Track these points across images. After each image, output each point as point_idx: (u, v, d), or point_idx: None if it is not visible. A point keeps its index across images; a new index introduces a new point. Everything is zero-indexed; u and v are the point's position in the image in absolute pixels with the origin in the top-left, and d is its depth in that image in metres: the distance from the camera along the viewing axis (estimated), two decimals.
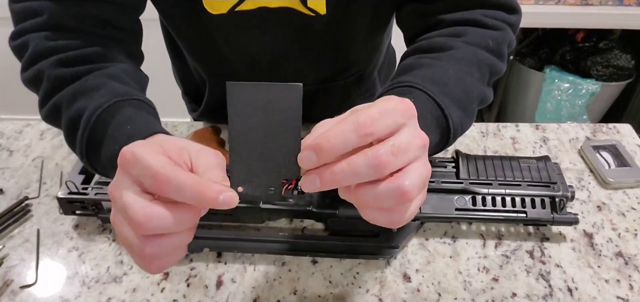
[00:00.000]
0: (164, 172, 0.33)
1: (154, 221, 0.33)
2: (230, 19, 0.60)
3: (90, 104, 0.47)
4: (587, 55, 1.77)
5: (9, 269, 0.58)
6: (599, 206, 0.65)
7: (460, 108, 0.49)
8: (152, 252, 0.35)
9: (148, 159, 0.34)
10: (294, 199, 0.60)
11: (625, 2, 1.56)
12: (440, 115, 0.47)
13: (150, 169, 0.33)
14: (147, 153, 0.34)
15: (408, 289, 0.55)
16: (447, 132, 0.48)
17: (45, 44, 0.51)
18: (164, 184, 0.33)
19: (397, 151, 0.33)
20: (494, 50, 0.54)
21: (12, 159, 0.75)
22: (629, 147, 0.74)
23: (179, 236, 0.36)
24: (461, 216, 0.59)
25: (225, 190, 0.34)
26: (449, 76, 0.49)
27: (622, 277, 0.56)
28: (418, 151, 0.35)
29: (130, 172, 0.35)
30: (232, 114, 0.32)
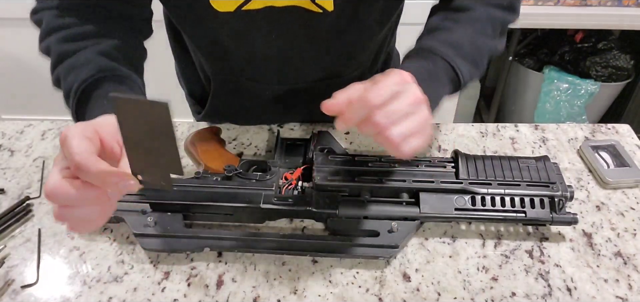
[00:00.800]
0: (78, 158, 0.39)
1: (57, 195, 0.40)
2: (237, 17, 0.60)
3: (78, 78, 0.54)
4: (586, 55, 1.77)
5: (10, 269, 0.58)
6: (598, 205, 0.65)
7: (471, 63, 0.61)
8: (61, 217, 0.42)
9: (72, 143, 0.40)
10: (293, 199, 0.60)
11: (624, 2, 1.57)
12: (453, 73, 0.60)
13: (71, 153, 0.40)
14: (74, 136, 0.40)
15: (408, 289, 0.55)
16: (458, 84, 0.61)
17: (55, 21, 0.59)
18: (77, 167, 0.40)
19: (389, 115, 0.46)
20: (507, 7, 0.65)
21: (14, 159, 0.75)
22: (627, 147, 0.74)
23: (86, 209, 0.43)
24: (460, 215, 0.59)
25: (125, 179, 0.41)
26: (464, 38, 0.61)
27: (621, 276, 0.56)
28: (409, 107, 0.47)
29: (62, 150, 0.41)
30: (119, 120, 0.39)
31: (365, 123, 0.47)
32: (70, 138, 0.40)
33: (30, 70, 1.83)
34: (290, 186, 0.63)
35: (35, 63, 1.81)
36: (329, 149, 0.67)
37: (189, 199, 0.60)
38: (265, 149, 0.76)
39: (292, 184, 0.63)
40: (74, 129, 0.41)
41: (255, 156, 0.75)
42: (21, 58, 1.80)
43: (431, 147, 0.76)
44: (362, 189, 0.61)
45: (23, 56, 1.79)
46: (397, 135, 0.47)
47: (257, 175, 0.63)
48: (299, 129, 0.80)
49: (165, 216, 0.60)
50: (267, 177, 0.63)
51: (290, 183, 0.63)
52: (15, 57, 1.80)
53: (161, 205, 0.60)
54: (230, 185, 0.62)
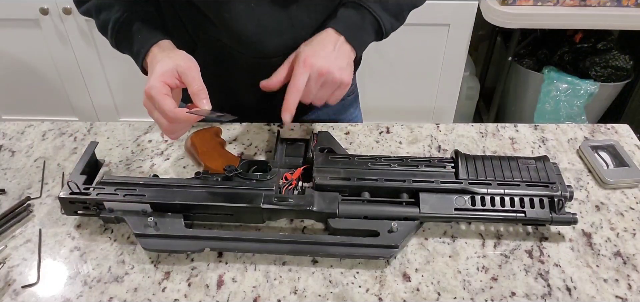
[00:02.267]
0: (171, 115, 0.58)
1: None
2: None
3: (109, 17, 0.69)
4: (585, 56, 1.77)
5: (11, 269, 0.58)
6: (597, 205, 0.66)
7: (393, 16, 0.73)
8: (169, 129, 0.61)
9: (159, 99, 0.58)
10: (294, 199, 0.60)
11: (623, 2, 1.57)
12: (377, 24, 0.72)
13: (159, 106, 0.59)
14: (155, 91, 0.59)
15: (408, 289, 0.56)
16: (381, 34, 0.73)
17: None
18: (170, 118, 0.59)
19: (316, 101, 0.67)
20: None
21: (14, 160, 0.75)
22: (627, 147, 0.75)
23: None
24: (460, 215, 0.60)
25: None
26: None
27: (621, 276, 0.56)
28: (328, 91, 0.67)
29: (151, 101, 0.60)
30: None
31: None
32: (154, 96, 0.58)
33: (30, 71, 1.83)
34: (291, 186, 0.64)
35: (35, 63, 1.82)
36: (329, 149, 0.67)
37: (189, 200, 0.60)
38: (265, 149, 0.76)
39: (292, 184, 0.64)
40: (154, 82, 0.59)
41: (256, 156, 0.75)
42: (21, 58, 1.80)
43: (431, 147, 0.76)
44: (362, 189, 0.62)
45: (23, 56, 1.80)
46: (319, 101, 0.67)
47: (257, 175, 0.63)
48: (299, 129, 0.81)
49: (165, 217, 0.60)
50: (267, 178, 0.63)
51: (290, 183, 0.64)
52: (15, 58, 1.80)
53: (162, 205, 0.60)
54: (231, 185, 0.62)
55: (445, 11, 1.60)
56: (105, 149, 0.76)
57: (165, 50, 0.65)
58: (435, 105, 1.86)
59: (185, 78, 0.60)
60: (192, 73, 0.60)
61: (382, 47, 1.67)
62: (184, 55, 0.63)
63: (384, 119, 1.87)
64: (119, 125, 0.82)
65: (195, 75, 0.60)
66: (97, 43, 1.72)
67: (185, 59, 0.62)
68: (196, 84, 0.60)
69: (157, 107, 0.59)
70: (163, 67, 0.61)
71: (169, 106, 0.58)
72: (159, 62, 0.62)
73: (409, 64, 1.74)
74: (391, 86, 1.80)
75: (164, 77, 0.60)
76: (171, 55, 0.64)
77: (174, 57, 0.62)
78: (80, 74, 1.82)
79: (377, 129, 0.80)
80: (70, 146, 0.78)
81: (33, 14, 1.64)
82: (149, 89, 0.59)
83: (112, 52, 0.88)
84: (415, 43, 1.67)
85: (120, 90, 1.88)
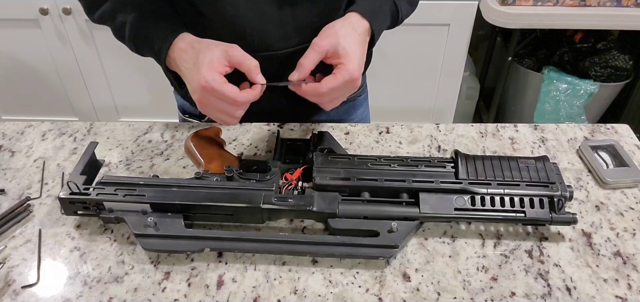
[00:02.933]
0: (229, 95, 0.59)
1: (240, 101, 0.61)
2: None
3: (127, 18, 0.68)
4: (585, 56, 1.77)
5: (11, 269, 0.58)
6: (597, 205, 0.66)
7: (409, 3, 0.75)
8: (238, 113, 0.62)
9: (225, 90, 0.59)
10: (293, 199, 0.60)
11: (623, 3, 1.57)
12: (395, 10, 0.72)
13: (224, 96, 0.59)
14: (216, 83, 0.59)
15: (407, 289, 0.56)
16: (396, 20, 0.74)
17: None
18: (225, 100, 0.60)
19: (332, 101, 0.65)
20: None
21: (14, 160, 0.75)
22: (627, 147, 0.75)
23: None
24: (460, 215, 0.60)
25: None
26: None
27: (621, 276, 0.56)
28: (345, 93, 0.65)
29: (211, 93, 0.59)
30: None
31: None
32: (214, 86, 0.58)
33: (30, 71, 1.83)
34: (290, 186, 0.64)
35: (35, 64, 1.82)
36: (328, 149, 0.67)
37: (189, 200, 0.60)
38: (265, 149, 0.76)
39: (292, 184, 0.64)
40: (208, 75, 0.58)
41: (255, 156, 0.75)
42: (21, 58, 1.80)
43: (431, 147, 0.76)
44: (362, 189, 0.62)
45: (23, 56, 1.80)
46: (329, 106, 0.65)
47: (257, 175, 0.63)
48: (299, 129, 0.81)
49: (165, 217, 0.60)
50: (267, 178, 0.63)
51: (290, 183, 0.64)
52: (15, 58, 1.80)
53: (161, 206, 0.60)
54: (231, 185, 0.62)
55: (445, 11, 1.60)
56: (105, 149, 0.76)
57: (194, 42, 0.64)
58: (435, 105, 1.86)
59: (235, 59, 0.60)
60: (240, 52, 0.61)
61: (382, 47, 1.67)
62: (218, 42, 0.63)
63: (384, 119, 1.87)
64: (119, 126, 0.82)
65: (244, 53, 0.61)
66: (97, 43, 1.72)
67: (224, 43, 0.62)
68: (249, 60, 0.61)
69: (221, 97, 0.59)
70: (208, 57, 0.60)
71: (233, 93, 0.59)
72: (200, 53, 0.61)
73: (409, 64, 1.74)
74: (391, 86, 1.80)
75: (215, 66, 0.59)
76: (206, 44, 0.63)
77: (212, 46, 0.62)
78: (80, 74, 1.82)
79: (377, 129, 0.80)
80: (70, 146, 0.78)
81: (33, 14, 1.64)
82: (208, 83, 0.58)
83: (112, 52, 0.89)
84: (415, 43, 1.67)
85: (120, 90, 1.88)
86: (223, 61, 0.60)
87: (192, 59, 0.62)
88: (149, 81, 1.83)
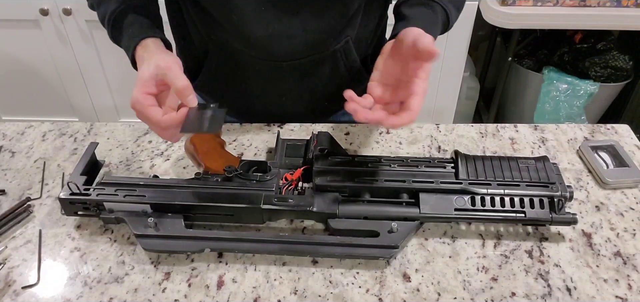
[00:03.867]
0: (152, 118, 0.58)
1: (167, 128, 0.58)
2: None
3: (107, 9, 0.68)
4: (585, 56, 1.77)
5: (11, 270, 0.58)
6: (597, 206, 0.66)
7: (456, 9, 0.72)
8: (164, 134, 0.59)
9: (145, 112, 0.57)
10: (294, 200, 0.60)
11: (623, 3, 1.57)
12: (446, 19, 0.70)
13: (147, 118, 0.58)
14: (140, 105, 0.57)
15: (408, 289, 0.56)
16: (447, 27, 0.72)
17: None
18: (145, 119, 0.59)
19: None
20: None
21: (14, 160, 0.75)
22: (627, 147, 0.75)
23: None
24: (460, 216, 0.60)
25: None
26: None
27: (621, 276, 0.57)
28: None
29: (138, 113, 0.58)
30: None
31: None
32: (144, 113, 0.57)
33: (30, 71, 1.83)
34: (291, 187, 0.64)
35: (35, 64, 1.82)
36: (328, 149, 0.67)
37: (189, 200, 0.60)
38: (265, 150, 0.76)
39: (292, 185, 0.64)
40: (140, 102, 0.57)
41: (256, 156, 0.75)
42: (21, 59, 1.80)
43: (431, 147, 0.76)
44: (362, 190, 0.62)
45: (23, 57, 1.80)
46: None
47: (258, 176, 0.63)
48: (299, 129, 0.81)
49: (165, 217, 0.60)
50: (267, 178, 0.63)
51: (290, 184, 0.64)
52: (15, 58, 1.80)
53: (162, 206, 0.60)
54: (231, 186, 0.62)
55: None
56: (105, 150, 0.76)
57: (147, 52, 0.63)
58: (435, 105, 1.86)
59: (166, 79, 0.58)
60: (172, 72, 0.57)
61: None
62: (162, 56, 0.61)
63: None
64: (119, 126, 0.82)
65: (176, 74, 0.58)
66: (97, 44, 1.72)
67: (163, 59, 0.59)
68: (179, 81, 0.57)
69: (145, 121, 0.58)
70: (142, 75, 0.59)
71: (156, 117, 0.57)
72: (140, 69, 0.60)
73: None
74: None
75: (145, 87, 0.58)
76: (150, 58, 0.61)
77: (152, 61, 0.60)
78: (80, 75, 1.82)
79: (377, 130, 0.80)
80: (70, 147, 0.78)
81: (33, 15, 1.64)
82: (133, 104, 0.58)
83: (112, 52, 0.89)
84: None
85: (120, 90, 1.88)
86: (153, 81, 0.58)
87: (139, 70, 0.61)
88: None
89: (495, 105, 1.92)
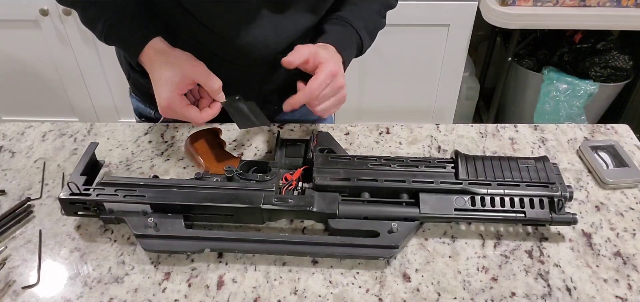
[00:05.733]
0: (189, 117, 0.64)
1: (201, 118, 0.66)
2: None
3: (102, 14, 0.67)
4: (585, 56, 1.78)
5: (11, 270, 0.58)
6: (597, 206, 0.66)
7: (369, 35, 0.78)
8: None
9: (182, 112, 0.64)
10: (293, 200, 0.60)
11: (623, 3, 1.57)
12: (359, 41, 0.76)
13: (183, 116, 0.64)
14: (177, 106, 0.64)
15: (408, 289, 0.56)
16: (360, 51, 0.79)
17: None
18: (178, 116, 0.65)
19: (321, 99, 0.67)
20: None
21: (14, 161, 0.75)
22: (627, 147, 0.75)
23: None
24: (460, 216, 0.60)
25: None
26: (370, 15, 0.78)
27: (621, 276, 0.57)
28: (333, 92, 0.68)
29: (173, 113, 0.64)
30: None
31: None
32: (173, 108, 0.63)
33: (30, 72, 1.83)
34: (291, 187, 0.64)
35: (35, 64, 1.82)
36: (328, 149, 0.68)
37: (189, 200, 0.60)
38: (265, 150, 0.76)
39: (292, 185, 0.64)
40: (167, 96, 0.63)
41: (255, 156, 0.75)
42: (21, 59, 1.80)
43: (431, 147, 0.76)
44: (362, 190, 0.62)
45: (23, 57, 1.80)
46: (321, 110, 0.68)
47: (258, 176, 0.63)
48: (299, 129, 0.81)
49: (165, 217, 0.60)
50: (267, 178, 0.63)
51: (290, 184, 0.64)
52: (15, 58, 1.80)
53: (162, 206, 0.60)
54: (231, 186, 0.62)
55: (445, 11, 1.60)
56: (105, 150, 0.76)
57: (162, 54, 0.65)
58: (435, 105, 1.86)
59: (198, 80, 0.64)
60: (204, 73, 0.64)
61: (382, 48, 1.68)
62: (185, 58, 0.64)
63: (384, 119, 1.88)
64: (119, 126, 0.82)
65: (208, 74, 0.64)
66: (97, 44, 1.73)
67: (189, 61, 0.64)
68: (211, 82, 0.64)
69: (182, 118, 0.64)
70: (172, 77, 0.63)
71: (194, 115, 0.64)
72: (165, 72, 0.63)
73: (409, 64, 1.74)
74: (391, 86, 1.80)
75: (178, 89, 0.63)
76: (173, 60, 0.64)
77: (177, 63, 0.64)
78: (80, 75, 1.82)
79: (377, 130, 0.80)
80: (70, 147, 0.78)
81: (33, 15, 1.65)
82: (167, 107, 0.63)
83: (112, 52, 0.89)
84: (415, 43, 1.67)
85: (120, 91, 1.88)
86: (185, 81, 0.63)
87: (158, 71, 0.64)
88: None
89: (495, 106, 1.92)
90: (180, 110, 0.63)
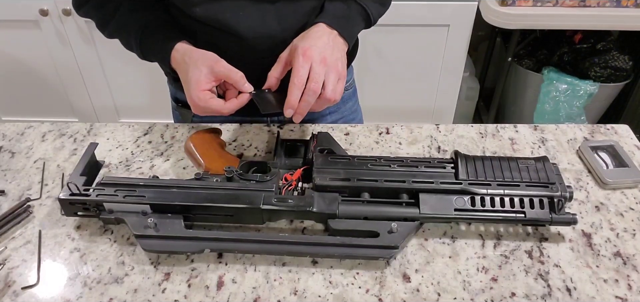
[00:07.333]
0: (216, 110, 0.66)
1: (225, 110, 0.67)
2: None
3: (131, 33, 0.74)
4: (585, 56, 1.78)
5: (11, 270, 0.58)
6: (597, 206, 0.66)
7: (378, 2, 0.78)
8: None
9: (210, 106, 0.66)
10: (293, 200, 0.60)
11: (623, 3, 1.57)
12: (365, 13, 0.76)
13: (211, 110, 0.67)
14: (203, 102, 0.66)
15: (408, 289, 0.56)
16: (369, 22, 0.78)
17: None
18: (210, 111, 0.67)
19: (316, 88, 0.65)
20: None
21: (14, 161, 0.75)
22: (626, 147, 0.75)
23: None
24: (460, 216, 0.60)
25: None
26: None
27: (621, 277, 0.56)
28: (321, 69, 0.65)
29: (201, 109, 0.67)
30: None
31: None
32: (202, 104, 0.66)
33: (30, 72, 1.83)
34: (290, 187, 0.64)
35: (35, 64, 1.82)
36: (328, 149, 0.67)
37: (189, 201, 0.60)
38: (265, 150, 0.76)
39: (292, 185, 0.64)
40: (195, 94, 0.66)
41: (255, 157, 0.75)
42: (21, 59, 1.80)
43: (431, 147, 0.76)
44: (362, 190, 0.62)
45: (23, 57, 1.80)
46: (331, 93, 0.65)
47: (257, 176, 0.63)
48: (299, 129, 0.81)
49: (165, 218, 0.60)
50: (267, 178, 0.63)
51: (290, 184, 0.64)
52: (15, 59, 1.80)
53: (161, 206, 0.60)
54: (231, 186, 0.62)
55: (445, 11, 1.60)
56: (105, 150, 0.76)
57: (185, 55, 0.69)
58: (435, 105, 1.86)
59: (221, 75, 0.66)
60: (225, 68, 0.66)
61: (382, 48, 1.68)
62: (207, 57, 0.67)
63: (383, 119, 1.87)
64: (119, 127, 0.82)
65: (229, 67, 0.66)
66: (97, 44, 1.73)
67: (210, 59, 0.67)
68: (233, 74, 0.66)
69: (210, 111, 0.67)
70: (196, 75, 0.66)
71: (219, 107, 0.66)
72: (189, 70, 0.67)
73: (409, 64, 1.74)
74: (391, 86, 1.80)
75: (203, 85, 0.66)
76: (195, 59, 0.67)
77: (198, 62, 0.67)
78: (80, 75, 1.82)
79: (376, 130, 0.80)
80: (70, 147, 0.78)
81: (33, 15, 1.64)
82: (196, 102, 0.66)
83: (112, 52, 0.89)
84: (415, 43, 1.67)
85: (120, 91, 1.88)
86: (210, 78, 0.66)
87: (184, 72, 0.69)
88: (149, 82, 1.83)
89: (495, 106, 1.92)
90: (205, 104, 0.65)
